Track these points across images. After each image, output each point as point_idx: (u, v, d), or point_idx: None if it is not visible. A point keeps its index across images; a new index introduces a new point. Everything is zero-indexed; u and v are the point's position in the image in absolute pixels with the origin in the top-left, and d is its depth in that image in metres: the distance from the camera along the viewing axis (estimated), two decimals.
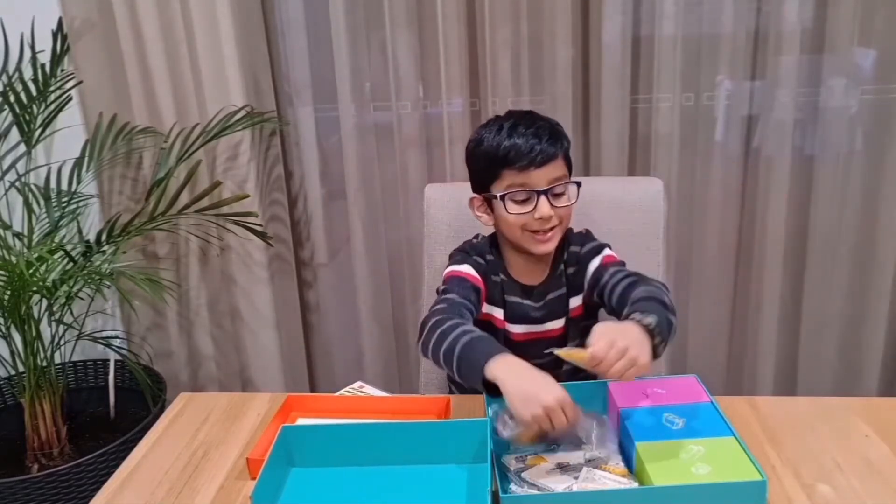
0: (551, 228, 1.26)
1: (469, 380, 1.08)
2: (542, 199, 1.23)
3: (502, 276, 1.34)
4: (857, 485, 1.00)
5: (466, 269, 1.30)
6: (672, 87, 1.87)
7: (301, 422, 1.20)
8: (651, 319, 1.05)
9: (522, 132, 1.23)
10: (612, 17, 1.84)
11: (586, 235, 1.37)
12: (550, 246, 1.28)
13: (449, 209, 1.54)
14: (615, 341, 0.98)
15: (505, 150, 1.23)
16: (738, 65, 1.86)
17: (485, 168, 1.27)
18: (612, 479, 0.97)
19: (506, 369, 1.02)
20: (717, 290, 2.02)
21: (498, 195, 1.25)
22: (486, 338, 1.11)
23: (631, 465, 1.01)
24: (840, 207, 1.91)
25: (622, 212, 1.50)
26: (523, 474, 0.99)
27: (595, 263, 1.31)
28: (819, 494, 0.99)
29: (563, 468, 0.99)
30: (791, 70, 1.83)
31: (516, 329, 1.35)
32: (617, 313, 1.23)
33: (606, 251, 1.33)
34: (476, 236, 1.39)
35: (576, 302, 1.35)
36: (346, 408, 1.22)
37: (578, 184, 1.27)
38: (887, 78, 1.84)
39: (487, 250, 1.35)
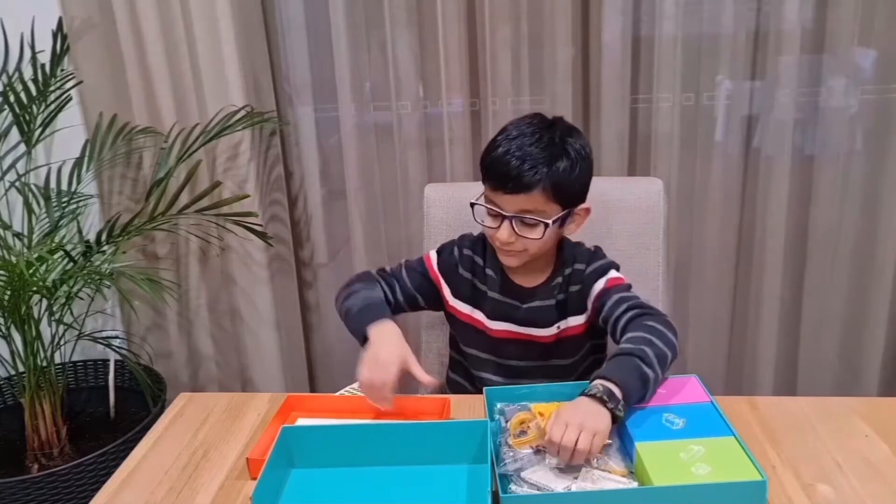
0: (518, 251, 1.23)
1: (354, 336, 1.25)
2: (505, 223, 1.20)
3: (489, 272, 1.33)
4: (857, 485, 1.00)
5: (434, 257, 1.37)
6: (672, 87, 1.87)
7: (301, 422, 1.20)
8: (601, 387, 1.02)
9: (513, 150, 1.18)
10: (612, 17, 1.83)
11: (594, 253, 1.31)
12: (513, 262, 1.26)
13: (449, 209, 1.54)
14: (568, 422, 0.98)
15: (489, 161, 1.22)
16: (738, 65, 1.86)
17: (481, 167, 1.27)
18: (611, 478, 0.97)
19: (377, 334, 1.20)
20: (717, 290, 2.02)
21: (471, 202, 1.25)
22: (375, 302, 1.27)
23: (631, 465, 1.01)
24: (840, 207, 1.91)
25: (622, 212, 1.50)
26: (523, 474, 0.99)
27: (599, 286, 1.26)
28: (819, 494, 0.99)
29: (562, 468, 0.99)
30: (791, 70, 1.83)
31: (497, 326, 1.33)
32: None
33: (612, 273, 1.27)
34: (479, 235, 1.38)
35: (576, 321, 1.30)
36: (346, 408, 1.22)
37: (547, 224, 1.19)
38: (887, 78, 1.84)
39: (469, 245, 1.35)
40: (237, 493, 1.06)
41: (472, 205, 1.25)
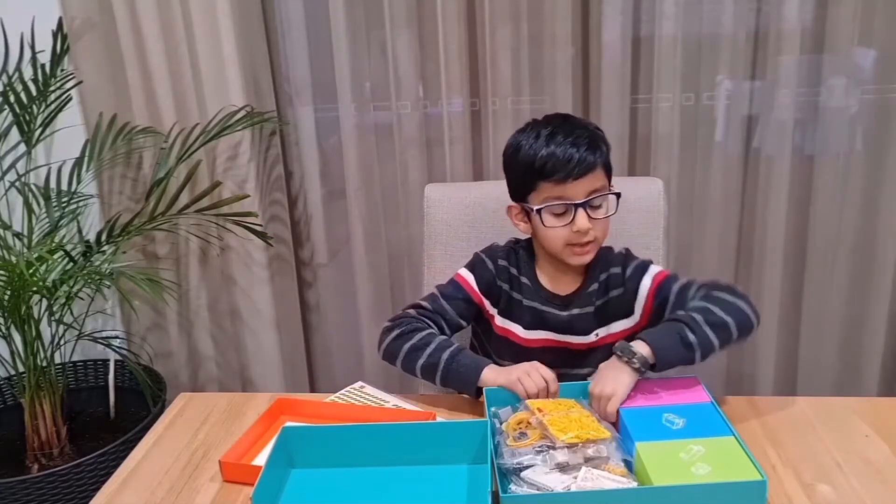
0: (589, 242, 1.24)
1: (459, 390, 1.23)
2: (580, 211, 1.21)
3: (524, 281, 1.32)
4: (857, 485, 1.00)
5: (469, 277, 1.32)
6: (672, 87, 1.87)
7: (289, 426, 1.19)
8: (620, 345, 1.14)
9: (560, 141, 1.20)
10: (612, 17, 1.84)
11: (627, 255, 1.32)
12: (587, 258, 1.26)
13: (449, 209, 1.54)
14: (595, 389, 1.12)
15: (542, 160, 1.20)
16: (738, 65, 1.86)
17: (522, 178, 1.25)
18: (611, 478, 0.97)
19: (494, 375, 1.19)
20: None
21: (535, 209, 1.23)
22: (462, 353, 1.22)
23: (631, 465, 1.01)
24: (840, 207, 1.91)
25: (622, 212, 1.49)
26: (523, 474, 0.99)
27: (646, 284, 1.27)
28: (819, 494, 0.99)
29: (562, 468, 0.99)
30: (791, 70, 1.83)
31: (533, 335, 1.32)
32: None
33: (654, 268, 1.29)
34: (513, 240, 1.38)
35: (621, 326, 1.30)
36: (337, 414, 1.21)
37: (618, 195, 1.25)
38: (887, 78, 1.84)
39: (503, 255, 1.34)
40: (237, 493, 1.06)
41: (539, 210, 1.22)
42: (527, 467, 1.00)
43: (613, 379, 1.11)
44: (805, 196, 1.93)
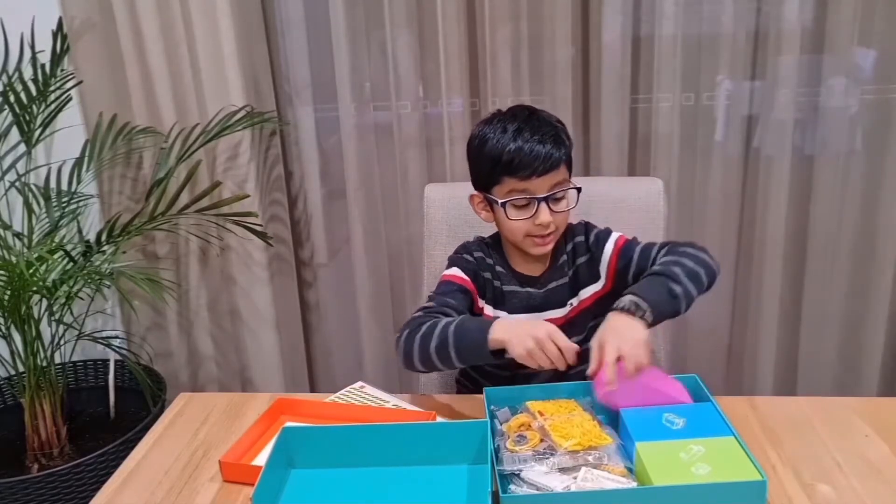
0: (550, 233, 1.26)
1: (475, 357, 1.17)
2: (543, 205, 1.24)
3: (499, 269, 1.34)
4: (857, 485, 1.00)
5: (454, 271, 1.33)
6: (672, 87, 1.87)
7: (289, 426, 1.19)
8: (626, 301, 1.12)
9: (527, 137, 1.22)
10: (612, 17, 1.84)
11: (587, 225, 1.36)
12: (547, 249, 1.29)
13: (449, 209, 1.54)
14: (605, 343, 1.08)
15: (509, 155, 1.22)
16: (738, 65, 1.86)
17: (487, 170, 1.27)
18: (610, 478, 0.97)
19: (504, 327, 1.13)
20: (718, 290, 2.00)
21: (499, 202, 1.26)
22: (468, 318, 1.20)
23: (632, 471, 1.01)
24: (840, 207, 1.91)
25: (622, 212, 1.50)
26: (522, 474, 0.99)
27: (609, 248, 1.31)
28: (819, 494, 0.99)
29: (562, 469, 0.99)
30: (791, 70, 1.83)
31: (517, 318, 1.34)
32: None
33: (615, 234, 1.33)
34: (477, 238, 1.39)
35: (589, 291, 1.34)
36: (337, 414, 1.21)
37: (578, 189, 1.27)
38: (887, 78, 1.84)
39: (476, 248, 1.36)
40: (237, 493, 1.06)
41: (503, 204, 1.25)
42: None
43: (630, 332, 1.09)
44: (805, 196, 1.93)
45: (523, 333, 1.10)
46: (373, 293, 2.13)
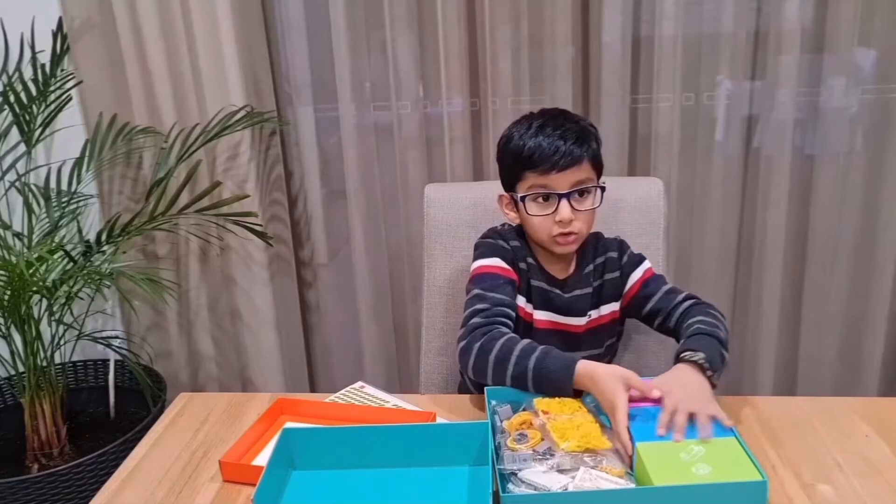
0: (572, 233, 1.25)
1: (553, 394, 1.13)
2: (563, 202, 1.23)
3: (529, 261, 1.33)
4: (857, 485, 1.00)
5: (496, 262, 1.29)
6: (672, 87, 1.87)
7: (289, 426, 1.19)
8: (701, 356, 1.11)
9: (549, 133, 1.22)
10: (612, 17, 1.84)
11: (622, 242, 1.37)
12: (570, 248, 1.28)
13: (449, 209, 1.54)
14: (677, 407, 1.04)
15: (529, 151, 1.23)
16: (738, 65, 1.86)
17: (510, 167, 1.28)
18: (608, 479, 0.97)
19: (587, 377, 1.09)
20: (717, 290, 2.02)
21: (519, 196, 1.26)
22: (546, 352, 1.14)
23: (632, 476, 1.00)
24: (840, 207, 1.91)
25: (622, 212, 1.50)
26: (520, 474, 0.99)
27: (637, 275, 1.33)
28: (819, 494, 0.99)
29: (560, 469, 0.99)
30: (791, 70, 1.83)
31: (540, 316, 1.33)
32: (672, 334, 1.29)
33: (647, 263, 1.34)
34: (503, 225, 1.38)
35: (609, 309, 1.34)
36: (337, 415, 1.21)
37: (602, 188, 1.27)
38: (887, 78, 1.84)
39: (513, 237, 1.34)
40: (237, 494, 1.06)
41: (523, 198, 1.25)
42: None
43: (693, 392, 1.07)
44: (805, 196, 1.93)
45: (612, 404, 1.05)
46: (373, 293, 2.13)
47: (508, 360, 1.15)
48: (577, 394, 1.12)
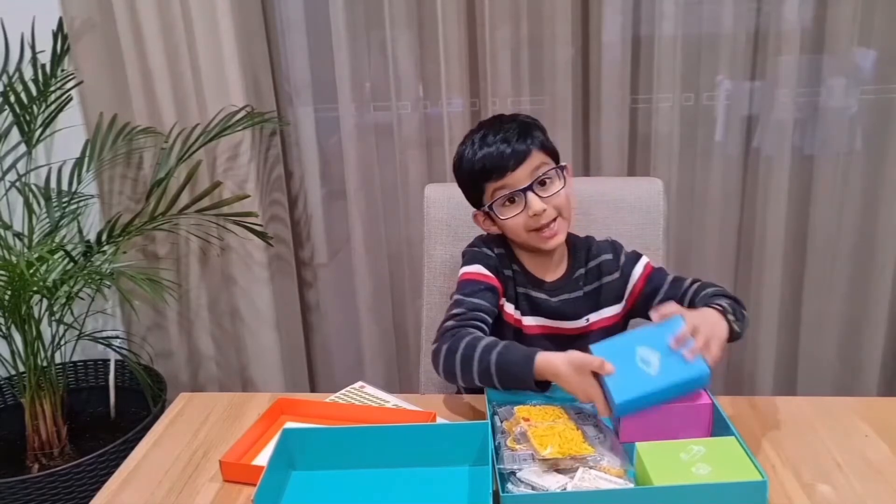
0: (553, 221, 1.25)
1: (520, 387, 1.13)
2: (530, 195, 1.24)
3: (514, 267, 1.33)
4: (857, 485, 1.00)
5: (477, 269, 1.30)
6: (672, 87, 1.87)
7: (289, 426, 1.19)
8: (724, 302, 1.16)
9: (491, 141, 1.24)
10: (612, 17, 1.84)
11: (614, 243, 1.36)
12: (558, 240, 1.28)
13: (449, 209, 1.54)
14: (698, 328, 1.07)
15: (479, 163, 1.25)
16: (738, 65, 1.86)
17: (470, 185, 1.30)
18: (607, 479, 0.97)
19: (554, 368, 1.09)
20: None
21: (487, 207, 1.27)
22: (507, 347, 1.15)
23: (628, 465, 1.01)
24: (840, 207, 1.91)
25: (622, 212, 1.50)
26: (519, 474, 0.99)
27: (638, 271, 1.32)
28: (819, 494, 0.99)
29: (559, 469, 0.99)
30: (791, 70, 1.83)
31: (530, 321, 1.33)
32: None
33: (644, 259, 1.34)
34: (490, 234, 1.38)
35: (611, 311, 1.33)
36: (338, 415, 1.21)
37: (562, 167, 1.27)
38: (887, 78, 1.84)
39: (499, 244, 1.34)
40: (237, 494, 1.06)
41: (491, 206, 1.26)
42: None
43: (714, 323, 1.10)
44: (805, 196, 1.93)
45: (578, 389, 1.07)
46: (373, 293, 2.13)
47: (473, 357, 1.15)
48: (545, 386, 1.12)
